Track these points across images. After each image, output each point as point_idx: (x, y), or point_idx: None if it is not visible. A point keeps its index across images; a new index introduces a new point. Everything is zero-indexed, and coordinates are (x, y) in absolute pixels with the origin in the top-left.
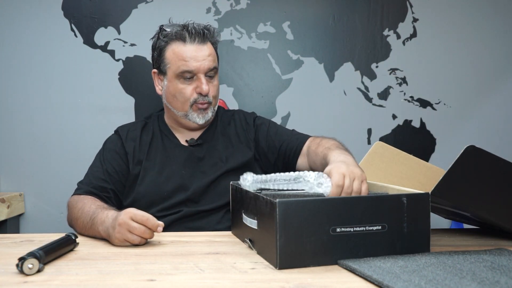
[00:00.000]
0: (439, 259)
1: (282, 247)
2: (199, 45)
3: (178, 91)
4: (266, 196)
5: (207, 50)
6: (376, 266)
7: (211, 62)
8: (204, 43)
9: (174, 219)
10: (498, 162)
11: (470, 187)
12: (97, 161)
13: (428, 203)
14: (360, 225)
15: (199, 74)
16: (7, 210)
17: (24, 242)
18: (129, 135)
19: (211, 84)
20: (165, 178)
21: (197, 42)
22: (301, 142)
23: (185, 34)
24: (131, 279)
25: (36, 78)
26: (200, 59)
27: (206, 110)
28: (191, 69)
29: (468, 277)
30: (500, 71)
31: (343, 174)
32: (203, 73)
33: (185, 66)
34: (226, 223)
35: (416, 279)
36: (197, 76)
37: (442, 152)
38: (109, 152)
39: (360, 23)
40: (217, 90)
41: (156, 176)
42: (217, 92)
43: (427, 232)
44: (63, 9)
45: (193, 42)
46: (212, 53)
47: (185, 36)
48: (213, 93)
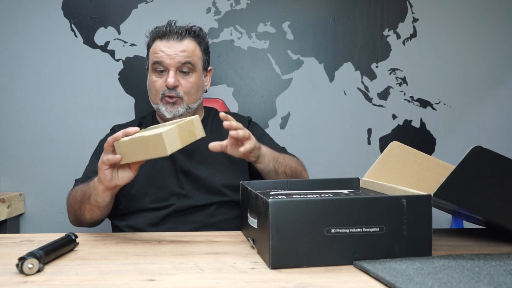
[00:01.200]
0: (458, 261)
1: (274, 247)
2: (175, 42)
3: (151, 84)
4: (263, 196)
5: (182, 46)
6: (391, 267)
7: (182, 57)
8: (181, 40)
9: (166, 213)
10: (507, 163)
11: (477, 189)
12: (94, 157)
13: (429, 205)
14: (356, 227)
15: (170, 68)
16: (7, 210)
17: (24, 242)
18: None
19: (184, 80)
20: (157, 171)
21: (173, 38)
22: None
23: (163, 30)
24: (131, 279)
25: (36, 78)
26: (171, 53)
27: (175, 105)
28: (160, 60)
29: (485, 281)
30: (500, 71)
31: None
32: (174, 67)
33: (155, 58)
34: (219, 217)
35: (430, 282)
36: (168, 70)
37: (442, 152)
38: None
39: (360, 23)
40: (192, 87)
41: (149, 168)
42: (192, 89)
43: (429, 235)
44: (63, 9)
45: (169, 38)
46: (189, 50)
47: (163, 32)
48: (185, 89)
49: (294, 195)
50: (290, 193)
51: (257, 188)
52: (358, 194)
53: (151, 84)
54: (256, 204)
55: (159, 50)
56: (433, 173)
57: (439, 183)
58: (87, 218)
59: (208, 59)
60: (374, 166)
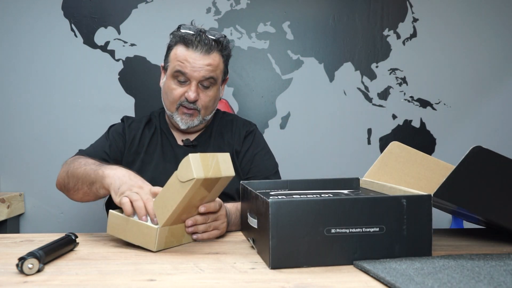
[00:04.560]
0: (458, 261)
1: (274, 247)
2: (202, 54)
3: (169, 90)
4: (263, 196)
5: (208, 60)
6: (391, 267)
7: (207, 72)
8: (209, 53)
9: None
10: (507, 163)
11: (477, 189)
12: (103, 137)
13: (429, 205)
14: (356, 227)
15: (192, 80)
16: (7, 210)
17: (24, 242)
18: (132, 125)
19: (204, 94)
20: (160, 174)
21: (200, 50)
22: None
23: (191, 39)
24: (131, 279)
25: (36, 78)
26: (196, 66)
27: (191, 117)
28: (184, 71)
29: (485, 281)
30: (500, 71)
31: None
32: (196, 80)
33: (179, 67)
34: None
35: (430, 282)
36: (190, 81)
37: (442, 152)
38: (114, 132)
39: (360, 23)
40: (210, 100)
41: (153, 170)
42: (210, 103)
43: (429, 235)
44: (63, 9)
45: (196, 49)
46: (214, 64)
47: (191, 41)
48: (204, 102)
49: (294, 195)
50: (290, 193)
51: (257, 188)
52: (358, 194)
53: (169, 90)
54: (256, 204)
55: (184, 60)
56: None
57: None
58: (77, 197)
59: (227, 68)
60: (374, 166)
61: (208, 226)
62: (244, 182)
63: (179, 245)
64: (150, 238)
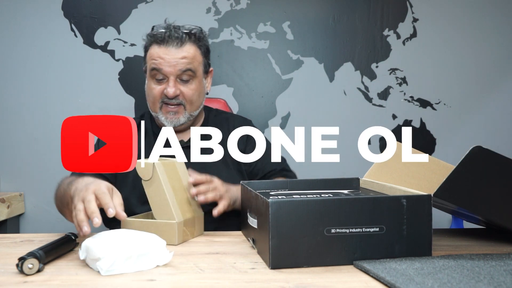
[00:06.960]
0: (458, 261)
1: (274, 247)
2: (175, 48)
3: (150, 90)
4: (263, 196)
5: (182, 53)
6: (391, 267)
7: (183, 65)
8: (181, 46)
9: None
10: (507, 163)
11: (477, 189)
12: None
13: (429, 205)
14: (356, 227)
15: (169, 75)
16: (7, 210)
17: (24, 242)
18: None
19: (185, 88)
20: None
21: (172, 44)
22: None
23: (162, 36)
24: (131, 279)
25: (36, 78)
26: (171, 60)
27: (177, 114)
28: (159, 67)
29: (485, 281)
30: (500, 71)
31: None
32: (173, 75)
33: (154, 65)
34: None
35: (430, 282)
36: (168, 78)
37: (442, 152)
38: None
39: (360, 23)
40: (194, 94)
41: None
42: (194, 96)
43: (429, 235)
44: (63, 9)
45: (168, 45)
46: (189, 56)
47: (162, 38)
48: (187, 96)
49: (294, 195)
50: (290, 193)
51: (257, 188)
52: (358, 194)
53: (150, 91)
54: (256, 204)
55: (158, 57)
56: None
57: (439, 183)
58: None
59: (208, 61)
60: (374, 166)
61: (208, 187)
62: (244, 182)
63: (193, 238)
64: (171, 233)
